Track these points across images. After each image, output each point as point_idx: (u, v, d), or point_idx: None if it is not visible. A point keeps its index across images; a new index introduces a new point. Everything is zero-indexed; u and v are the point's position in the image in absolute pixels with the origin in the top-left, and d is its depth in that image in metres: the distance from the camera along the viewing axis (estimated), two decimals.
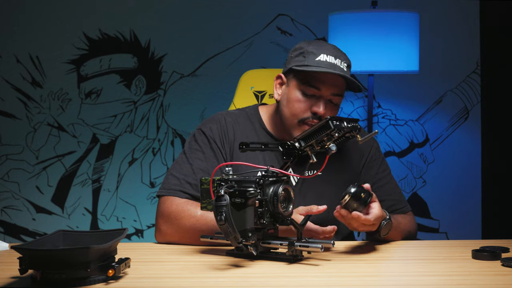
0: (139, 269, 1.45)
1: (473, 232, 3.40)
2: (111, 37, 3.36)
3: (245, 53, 3.36)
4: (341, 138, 1.56)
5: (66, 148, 3.37)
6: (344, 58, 1.79)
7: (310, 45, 1.80)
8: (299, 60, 1.79)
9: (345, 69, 1.77)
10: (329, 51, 1.77)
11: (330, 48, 1.79)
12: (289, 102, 1.80)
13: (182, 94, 3.37)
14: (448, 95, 3.43)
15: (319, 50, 1.77)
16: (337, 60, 1.77)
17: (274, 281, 1.39)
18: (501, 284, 1.36)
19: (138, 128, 3.39)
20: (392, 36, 2.87)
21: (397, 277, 1.45)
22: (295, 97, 1.79)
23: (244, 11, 3.37)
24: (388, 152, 3.43)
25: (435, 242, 1.90)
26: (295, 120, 1.79)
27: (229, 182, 1.51)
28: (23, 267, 1.30)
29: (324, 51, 1.77)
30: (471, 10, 3.40)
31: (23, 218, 3.37)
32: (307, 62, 1.77)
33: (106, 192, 3.39)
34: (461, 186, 3.43)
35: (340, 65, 1.77)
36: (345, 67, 1.78)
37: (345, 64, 1.78)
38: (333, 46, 1.82)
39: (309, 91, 1.77)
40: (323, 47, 1.79)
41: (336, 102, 1.80)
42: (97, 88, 3.37)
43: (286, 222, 1.54)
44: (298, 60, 1.79)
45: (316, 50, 1.78)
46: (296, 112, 1.78)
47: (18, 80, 3.35)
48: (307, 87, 1.77)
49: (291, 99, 1.80)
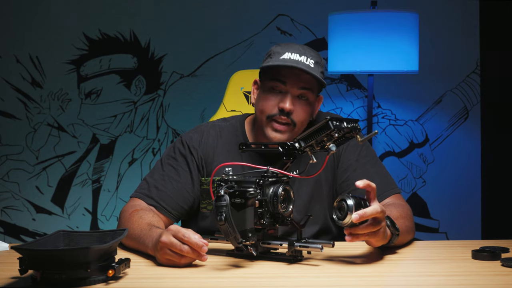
0: (139, 269, 1.45)
1: (473, 232, 3.40)
2: (111, 37, 3.36)
3: (245, 53, 3.36)
4: (341, 139, 1.55)
5: (66, 148, 3.38)
6: (312, 56, 1.80)
7: (278, 46, 1.83)
8: (266, 61, 1.83)
9: (311, 65, 1.78)
10: (295, 50, 1.79)
11: (298, 47, 1.81)
12: (259, 101, 1.83)
13: (182, 94, 3.38)
14: (448, 95, 3.43)
15: (284, 49, 1.80)
16: (302, 57, 1.78)
17: (274, 282, 1.39)
18: (501, 284, 1.36)
19: (138, 128, 3.39)
20: (392, 36, 2.87)
21: (397, 277, 1.45)
22: (263, 96, 1.82)
23: (244, 11, 3.37)
24: (388, 152, 3.43)
25: (435, 242, 1.90)
26: (263, 117, 1.80)
27: (229, 182, 1.51)
28: (23, 267, 1.30)
29: (289, 50, 1.79)
30: (471, 10, 3.40)
31: (23, 218, 3.37)
32: (272, 62, 1.79)
33: (106, 192, 3.39)
34: (461, 186, 3.43)
35: (306, 62, 1.77)
36: (312, 63, 1.78)
37: (312, 61, 1.79)
38: (303, 46, 1.83)
39: (274, 86, 1.79)
40: (290, 46, 1.81)
41: (307, 98, 1.80)
42: (97, 88, 3.37)
43: (286, 222, 1.54)
44: (265, 62, 1.83)
45: (282, 49, 1.80)
46: (263, 109, 1.80)
47: (18, 80, 3.35)
48: (272, 82, 1.79)
49: (260, 98, 1.83)
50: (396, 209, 1.74)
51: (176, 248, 1.44)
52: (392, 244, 1.62)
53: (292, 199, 1.56)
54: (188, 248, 1.44)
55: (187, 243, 1.44)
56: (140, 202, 1.81)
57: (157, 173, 1.86)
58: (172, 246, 1.44)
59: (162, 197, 1.81)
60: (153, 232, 1.56)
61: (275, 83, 1.79)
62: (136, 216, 1.69)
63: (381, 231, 1.51)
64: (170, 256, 1.46)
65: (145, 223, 1.64)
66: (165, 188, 1.82)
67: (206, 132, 1.91)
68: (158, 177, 1.85)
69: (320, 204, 1.86)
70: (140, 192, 1.84)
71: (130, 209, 1.75)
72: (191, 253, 1.44)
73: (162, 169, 1.86)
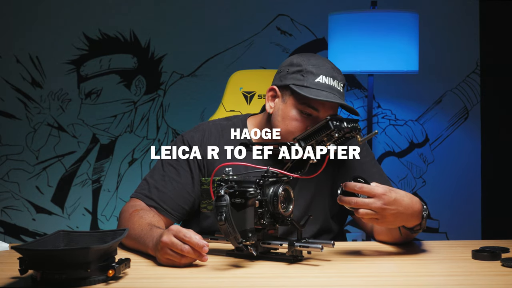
0: (139, 270, 1.45)
1: (473, 232, 3.40)
2: (111, 37, 3.36)
3: (245, 53, 3.36)
4: (341, 139, 1.56)
5: (66, 148, 3.38)
6: (341, 78, 1.78)
7: (308, 63, 1.77)
8: (297, 78, 1.76)
9: (341, 89, 1.77)
10: (327, 72, 1.75)
11: (329, 67, 1.77)
12: (285, 119, 1.78)
13: (182, 94, 3.37)
14: (448, 95, 3.43)
15: (318, 70, 1.75)
16: (335, 81, 1.75)
17: (274, 282, 1.39)
18: (501, 284, 1.36)
19: (138, 128, 3.39)
20: (392, 36, 2.87)
21: (397, 277, 1.45)
22: (292, 116, 1.76)
23: (244, 11, 3.37)
24: (388, 152, 3.43)
25: (435, 242, 1.90)
26: (290, 137, 1.78)
27: (229, 182, 1.51)
28: (23, 267, 1.30)
29: (322, 72, 1.75)
30: (471, 10, 3.40)
31: (23, 218, 3.37)
32: (306, 83, 1.74)
33: (106, 192, 3.39)
34: (461, 186, 3.43)
35: (338, 87, 1.75)
36: (341, 87, 1.77)
37: (342, 85, 1.77)
38: (330, 64, 1.80)
39: (307, 111, 1.75)
40: (322, 66, 1.77)
41: None
42: (97, 88, 3.37)
43: (286, 222, 1.54)
44: (296, 78, 1.76)
45: (315, 69, 1.75)
46: (293, 131, 1.76)
47: (18, 80, 3.35)
48: (305, 107, 1.75)
49: (288, 116, 1.77)
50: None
51: (177, 248, 1.44)
52: (413, 233, 1.62)
53: (292, 199, 1.56)
54: (189, 248, 1.44)
55: (188, 243, 1.44)
56: (140, 202, 1.81)
57: (158, 173, 1.86)
58: (173, 246, 1.45)
59: (162, 198, 1.81)
60: (154, 232, 1.56)
61: (307, 109, 1.75)
62: (136, 216, 1.69)
63: (387, 213, 1.52)
64: (171, 256, 1.46)
65: (145, 223, 1.64)
66: (165, 189, 1.82)
67: (207, 131, 1.90)
68: (158, 178, 1.84)
69: (321, 204, 1.86)
70: (140, 192, 1.83)
71: (131, 209, 1.75)
72: (192, 253, 1.44)
73: (163, 169, 1.86)
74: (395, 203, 1.53)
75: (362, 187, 1.52)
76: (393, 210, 1.53)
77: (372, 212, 1.52)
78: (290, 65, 1.79)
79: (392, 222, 1.56)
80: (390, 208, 1.52)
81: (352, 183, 1.52)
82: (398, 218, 1.55)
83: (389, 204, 1.52)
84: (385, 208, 1.52)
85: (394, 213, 1.53)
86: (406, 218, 1.57)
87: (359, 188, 1.52)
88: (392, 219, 1.55)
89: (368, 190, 1.52)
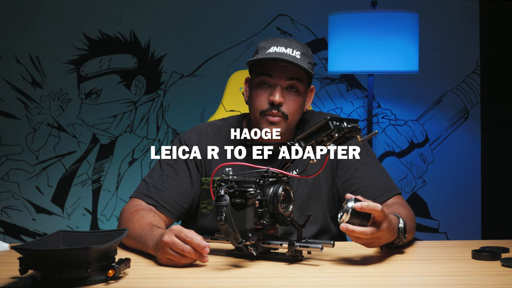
0: (139, 269, 1.45)
1: (473, 232, 3.40)
2: (111, 37, 3.36)
3: (245, 53, 3.36)
4: (341, 139, 1.56)
5: (66, 148, 3.38)
6: (298, 47, 1.79)
7: (264, 41, 1.83)
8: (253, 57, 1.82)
9: (297, 56, 1.77)
10: (280, 43, 1.79)
11: (283, 40, 1.81)
12: (251, 98, 1.83)
13: (182, 94, 3.37)
14: (448, 95, 3.43)
15: (270, 44, 1.80)
16: (288, 49, 1.77)
17: (274, 281, 1.39)
18: (501, 284, 1.36)
19: (138, 128, 3.39)
20: (392, 36, 2.87)
21: (397, 277, 1.45)
22: (254, 92, 1.81)
23: (244, 11, 3.37)
24: (388, 152, 3.43)
25: (435, 242, 1.91)
26: (257, 113, 1.80)
27: (229, 182, 1.51)
28: (23, 267, 1.30)
29: (275, 44, 1.79)
30: (471, 10, 3.40)
31: (23, 218, 3.37)
32: (258, 56, 1.79)
33: (106, 192, 3.39)
34: (461, 186, 3.43)
35: (292, 53, 1.77)
36: (298, 54, 1.78)
37: (298, 52, 1.78)
38: (288, 38, 1.84)
39: (263, 80, 1.79)
40: (275, 40, 1.81)
41: (297, 88, 1.80)
42: (97, 88, 3.37)
43: (286, 222, 1.54)
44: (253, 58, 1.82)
45: (268, 44, 1.81)
46: (257, 106, 1.80)
47: (18, 80, 3.35)
48: (260, 77, 1.79)
49: (252, 95, 1.82)
50: (404, 209, 1.76)
51: (178, 248, 1.44)
52: (394, 246, 1.63)
53: (292, 199, 1.56)
54: (190, 248, 1.44)
55: (189, 243, 1.44)
56: (140, 202, 1.81)
57: (156, 173, 1.86)
58: (174, 245, 1.45)
59: (161, 197, 1.81)
60: (155, 232, 1.56)
61: (262, 78, 1.79)
62: (137, 216, 1.69)
63: (380, 235, 1.51)
64: (171, 256, 1.46)
65: (146, 223, 1.64)
66: (164, 187, 1.82)
67: (204, 131, 1.91)
68: (157, 177, 1.85)
69: (319, 204, 1.86)
70: (139, 192, 1.84)
71: (131, 209, 1.75)
72: (192, 254, 1.44)
73: (161, 169, 1.87)
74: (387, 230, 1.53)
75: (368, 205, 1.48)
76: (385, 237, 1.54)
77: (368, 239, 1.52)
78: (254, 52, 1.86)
79: (378, 245, 1.57)
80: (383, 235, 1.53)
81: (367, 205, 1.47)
82: (383, 240, 1.56)
83: (383, 230, 1.52)
84: (379, 236, 1.52)
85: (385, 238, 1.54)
86: (388, 238, 1.56)
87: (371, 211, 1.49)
88: (380, 243, 1.56)
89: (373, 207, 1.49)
